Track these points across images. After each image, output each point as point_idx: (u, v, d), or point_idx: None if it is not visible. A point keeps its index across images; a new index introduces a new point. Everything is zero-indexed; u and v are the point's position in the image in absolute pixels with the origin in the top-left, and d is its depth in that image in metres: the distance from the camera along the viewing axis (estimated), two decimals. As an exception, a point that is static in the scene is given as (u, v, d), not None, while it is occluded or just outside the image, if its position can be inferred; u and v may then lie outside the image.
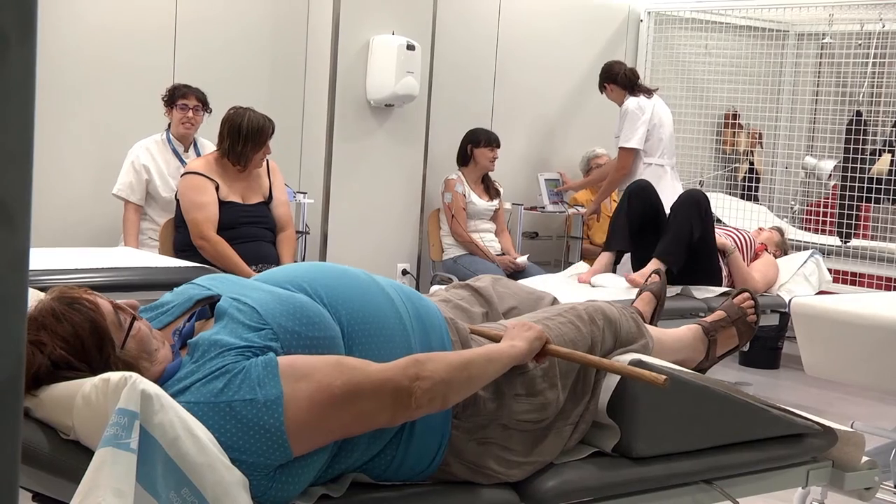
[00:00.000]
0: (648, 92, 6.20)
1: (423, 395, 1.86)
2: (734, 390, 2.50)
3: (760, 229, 5.94)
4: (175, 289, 2.08)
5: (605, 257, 5.15)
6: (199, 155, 5.11)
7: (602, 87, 6.31)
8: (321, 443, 1.82)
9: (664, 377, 2.10)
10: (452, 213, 6.24)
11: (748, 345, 3.53)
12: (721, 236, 5.32)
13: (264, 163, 4.77)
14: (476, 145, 6.31)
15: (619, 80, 6.20)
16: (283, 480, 1.80)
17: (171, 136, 5.16)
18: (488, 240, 6.36)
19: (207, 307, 1.96)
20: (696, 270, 5.01)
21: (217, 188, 4.63)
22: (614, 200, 6.25)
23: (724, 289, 5.07)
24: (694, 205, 5.04)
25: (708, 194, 7.33)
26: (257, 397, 1.75)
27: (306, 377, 1.78)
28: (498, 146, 6.35)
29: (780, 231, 5.93)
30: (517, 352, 2.12)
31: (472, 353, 2.06)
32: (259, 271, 4.45)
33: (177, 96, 5.11)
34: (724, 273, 5.22)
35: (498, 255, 6.31)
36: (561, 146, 7.35)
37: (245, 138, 4.63)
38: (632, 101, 6.08)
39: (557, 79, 7.26)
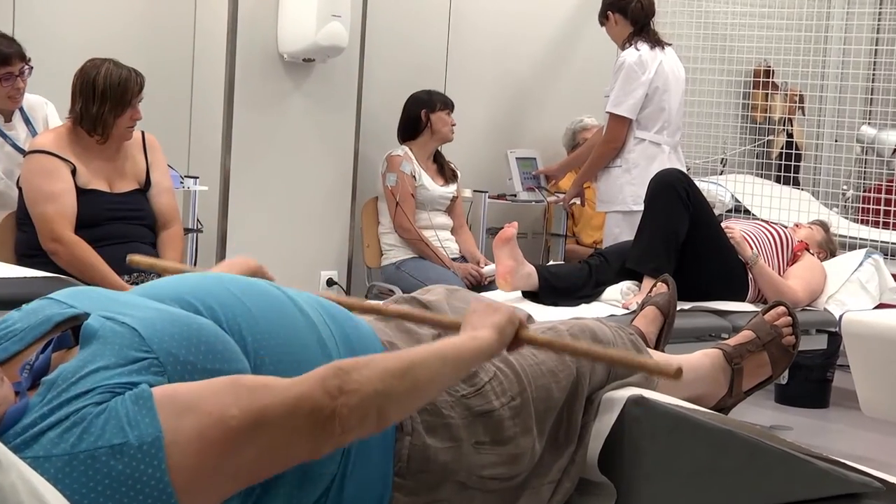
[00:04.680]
0: (659, 42, 6.18)
1: (352, 415, 1.83)
2: (768, 436, 2.52)
3: (797, 225, 5.96)
4: (24, 306, 2.06)
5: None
6: (28, 123, 5.06)
7: (604, 18, 6.22)
8: (224, 493, 1.81)
9: (677, 367, 2.08)
10: (397, 201, 6.23)
11: (786, 375, 3.56)
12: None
13: (136, 135, 4.75)
14: (431, 109, 6.32)
15: (631, 11, 6.13)
16: None
17: None
18: (444, 238, 6.36)
19: (70, 332, 1.95)
20: (706, 279, 4.99)
21: (74, 172, 4.60)
22: None
23: (749, 306, 5.08)
24: (668, 190, 4.98)
25: (734, 176, 7.47)
26: (129, 440, 1.73)
27: (192, 409, 1.76)
28: (453, 110, 6.38)
29: (823, 226, 5.94)
30: (482, 344, 2.06)
31: (418, 350, 2.02)
32: (134, 284, 4.43)
33: None
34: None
35: (455, 258, 6.32)
36: (536, 115, 7.37)
37: (102, 97, 4.59)
38: (632, 53, 6.05)
39: (531, 27, 7.27)
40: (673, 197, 4.95)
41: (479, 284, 6.05)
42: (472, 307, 2.20)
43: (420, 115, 6.33)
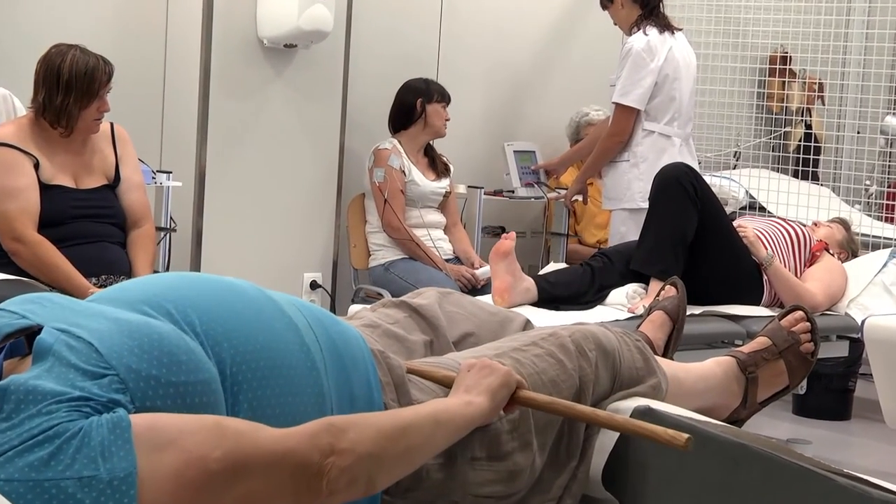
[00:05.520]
0: (669, 27, 6.17)
1: (341, 476, 1.85)
2: (784, 450, 2.52)
3: (816, 223, 5.95)
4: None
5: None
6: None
7: (607, 2, 6.23)
8: None
9: (686, 436, 2.11)
10: (385, 198, 6.22)
11: (804, 385, 3.55)
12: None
13: (104, 127, 4.75)
14: (428, 100, 6.32)
15: None
16: None
17: None
18: (437, 238, 6.36)
19: (24, 339, 1.95)
20: (717, 281, 4.98)
21: (37, 166, 4.59)
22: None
23: (764, 310, 5.08)
24: (674, 186, 4.96)
25: (748, 170, 7.47)
26: (99, 474, 1.72)
27: (171, 444, 1.76)
28: (449, 104, 6.39)
29: (843, 224, 5.94)
30: (476, 411, 2.11)
31: (411, 413, 2.05)
32: (102, 287, 4.43)
33: None
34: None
35: (448, 259, 6.32)
36: (534, 106, 7.37)
37: (67, 87, 4.58)
38: (640, 39, 6.04)
39: (528, 13, 7.28)
40: (679, 193, 4.93)
41: (474, 288, 6.05)
42: (467, 363, 2.25)
43: (415, 104, 6.32)
